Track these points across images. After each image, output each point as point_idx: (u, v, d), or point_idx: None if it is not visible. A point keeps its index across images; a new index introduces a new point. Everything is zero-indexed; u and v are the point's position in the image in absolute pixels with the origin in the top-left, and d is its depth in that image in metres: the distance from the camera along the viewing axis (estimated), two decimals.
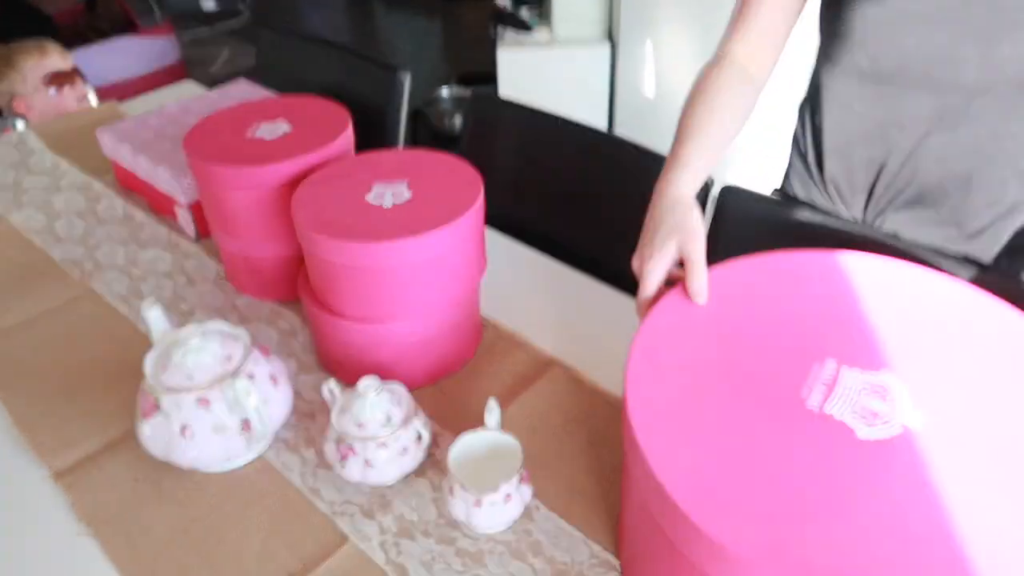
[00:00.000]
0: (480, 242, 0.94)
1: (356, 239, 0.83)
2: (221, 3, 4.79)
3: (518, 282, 1.13)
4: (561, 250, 1.20)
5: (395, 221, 0.85)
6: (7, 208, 1.34)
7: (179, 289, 1.14)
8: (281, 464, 0.86)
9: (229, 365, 0.81)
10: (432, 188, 0.91)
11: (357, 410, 0.80)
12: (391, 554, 0.76)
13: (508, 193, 1.38)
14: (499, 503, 0.73)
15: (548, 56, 2.83)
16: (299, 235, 0.89)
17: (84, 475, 0.85)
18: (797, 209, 1.04)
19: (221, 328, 0.85)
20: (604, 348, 1.00)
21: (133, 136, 1.30)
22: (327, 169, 0.96)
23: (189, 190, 1.19)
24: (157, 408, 0.79)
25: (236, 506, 0.81)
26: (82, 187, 1.39)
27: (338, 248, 0.84)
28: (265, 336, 1.04)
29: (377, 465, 0.79)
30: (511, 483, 0.74)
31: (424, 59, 4.15)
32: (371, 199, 0.89)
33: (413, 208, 0.87)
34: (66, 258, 1.21)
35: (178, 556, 0.76)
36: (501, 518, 0.75)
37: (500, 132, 1.40)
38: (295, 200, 0.90)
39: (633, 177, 1.22)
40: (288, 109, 1.12)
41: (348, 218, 0.86)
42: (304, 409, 0.93)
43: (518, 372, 0.97)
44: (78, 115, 1.65)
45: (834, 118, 1.00)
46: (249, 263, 1.08)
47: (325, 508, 0.81)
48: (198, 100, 1.42)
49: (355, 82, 1.57)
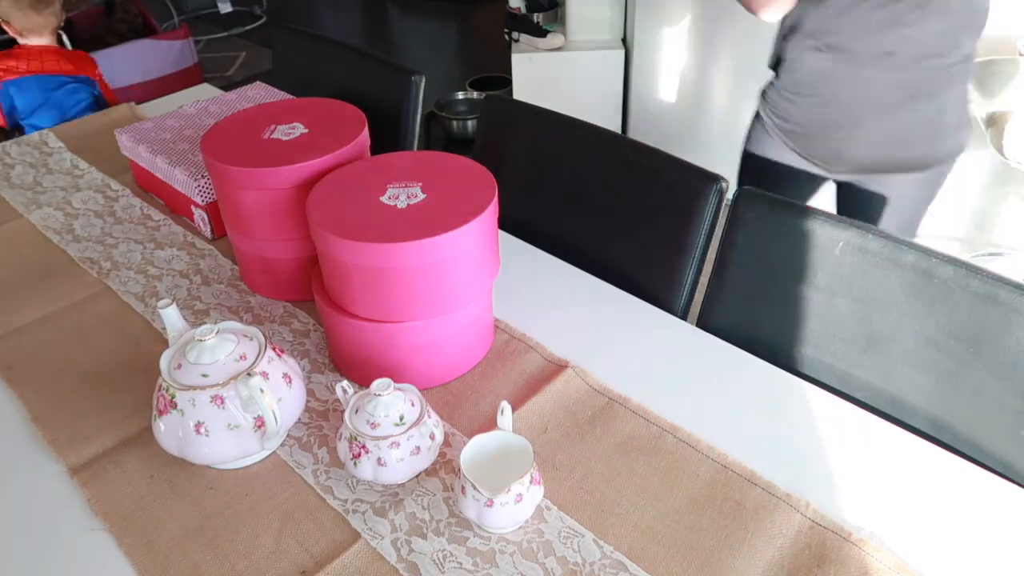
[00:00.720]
0: (494, 244, 0.94)
1: (370, 239, 0.83)
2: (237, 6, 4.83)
3: (531, 285, 1.13)
4: (574, 253, 1.21)
5: (409, 222, 0.86)
6: (27, 206, 1.36)
7: (194, 288, 1.15)
8: (294, 462, 0.87)
9: (243, 364, 0.82)
10: (446, 190, 0.92)
11: (370, 410, 0.80)
12: (403, 552, 0.76)
13: (521, 196, 1.38)
14: (510, 503, 0.74)
15: (562, 60, 2.84)
16: (313, 235, 0.89)
17: (100, 471, 0.86)
18: (813, 215, 1.04)
19: (236, 327, 0.86)
20: (616, 351, 1.00)
21: (151, 137, 1.32)
22: (342, 171, 0.97)
23: (205, 190, 1.20)
24: (172, 406, 0.80)
25: (249, 503, 0.82)
26: (100, 187, 1.41)
27: (352, 248, 0.84)
28: (279, 336, 1.05)
29: (390, 464, 0.79)
30: (522, 484, 0.74)
31: (438, 62, 4.17)
32: (385, 200, 0.90)
33: (427, 209, 0.88)
34: (84, 256, 1.22)
35: (192, 552, 0.77)
36: (512, 518, 0.75)
37: (514, 135, 1.40)
38: (310, 200, 0.91)
39: (646, 180, 1.22)
40: (305, 111, 1.13)
41: (362, 219, 0.87)
42: (317, 408, 0.93)
43: (530, 374, 0.97)
44: (97, 117, 1.67)
45: (793, 77, 1.30)
46: (264, 263, 1.09)
47: (337, 506, 0.81)
48: (215, 102, 1.43)
49: (370, 85, 1.58)
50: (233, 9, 4.86)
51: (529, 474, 0.74)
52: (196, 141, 1.30)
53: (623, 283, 1.13)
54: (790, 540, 0.76)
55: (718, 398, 0.93)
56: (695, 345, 1.01)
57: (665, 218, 1.19)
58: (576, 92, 2.87)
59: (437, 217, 0.86)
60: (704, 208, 1.13)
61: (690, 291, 1.16)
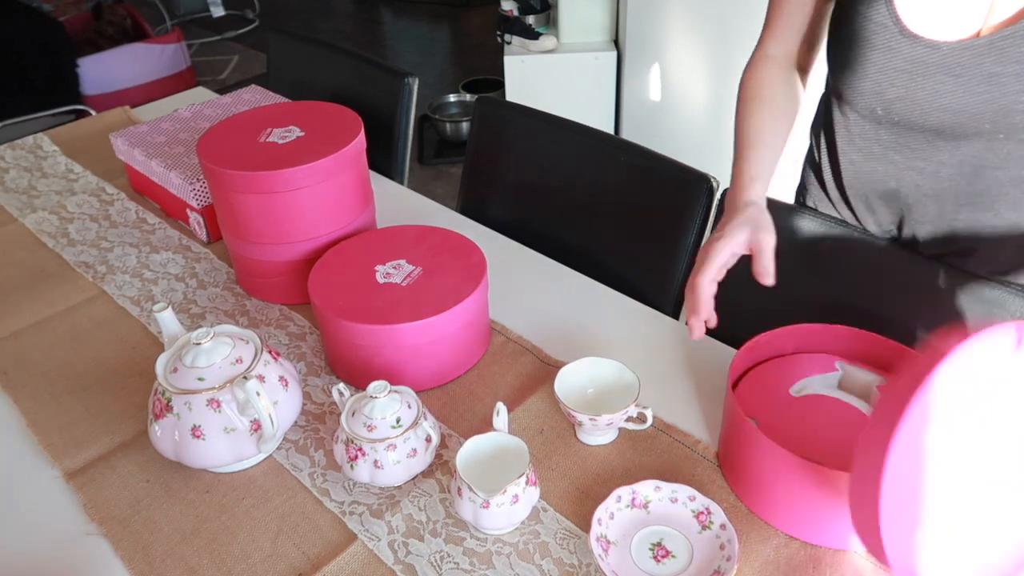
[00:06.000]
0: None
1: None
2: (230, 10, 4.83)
3: (525, 286, 1.14)
4: (567, 253, 1.21)
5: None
6: (21, 211, 1.36)
7: (190, 292, 1.15)
8: (291, 465, 0.87)
9: (240, 367, 0.82)
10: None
11: (367, 412, 0.80)
12: (400, 554, 0.76)
13: (515, 197, 1.39)
14: (506, 504, 0.74)
15: (554, 62, 2.85)
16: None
17: (95, 475, 0.86)
18: (800, 213, 1.05)
19: (232, 331, 0.86)
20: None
21: (146, 141, 1.32)
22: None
23: (201, 194, 1.20)
24: (168, 409, 0.80)
25: (246, 507, 0.82)
26: (95, 191, 1.41)
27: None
28: (275, 339, 1.05)
29: (386, 467, 0.79)
30: (518, 485, 0.74)
31: (431, 65, 4.18)
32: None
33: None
34: (79, 261, 1.22)
35: (188, 556, 0.77)
36: (508, 519, 0.75)
37: (507, 137, 1.41)
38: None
39: (638, 180, 1.23)
40: (300, 114, 1.13)
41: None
42: (313, 411, 0.94)
43: (525, 375, 0.97)
44: (92, 121, 1.67)
45: (850, 158, 0.96)
46: (260, 266, 1.09)
47: (334, 508, 0.81)
48: (210, 105, 1.43)
49: (363, 88, 1.58)
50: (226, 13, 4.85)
51: (525, 475, 0.75)
52: (191, 145, 1.30)
53: (616, 283, 1.14)
54: (784, 541, 0.76)
55: (711, 397, 0.93)
56: (687, 344, 1.02)
57: (657, 218, 1.20)
58: (569, 94, 2.88)
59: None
60: (695, 207, 1.14)
61: (681, 290, 1.16)
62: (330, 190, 1.04)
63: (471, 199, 1.44)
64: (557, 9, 2.88)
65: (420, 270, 0.97)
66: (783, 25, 0.93)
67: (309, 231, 1.05)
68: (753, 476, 0.77)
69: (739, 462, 0.79)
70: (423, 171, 3.16)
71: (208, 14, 4.84)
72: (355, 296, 0.93)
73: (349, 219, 1.09)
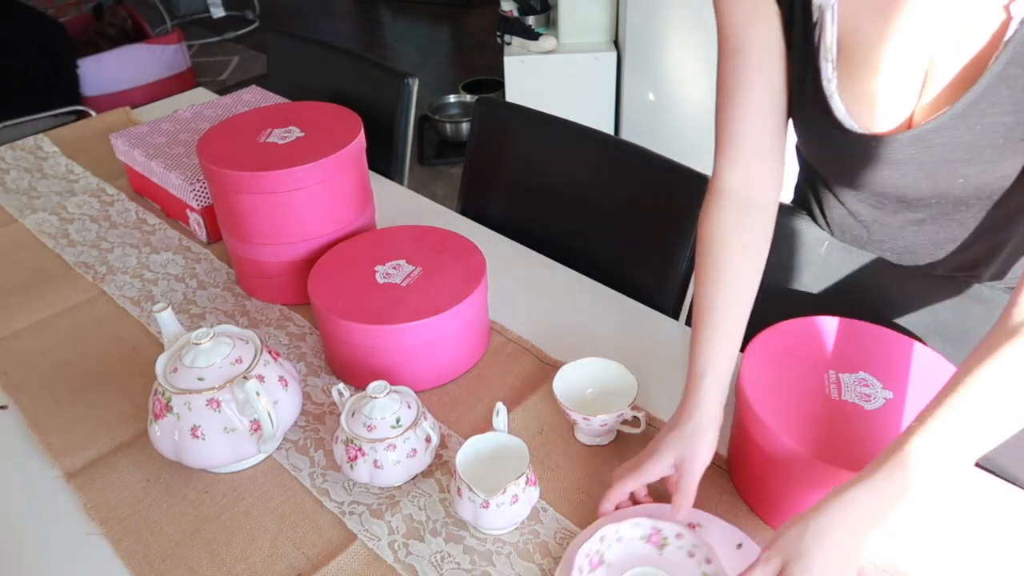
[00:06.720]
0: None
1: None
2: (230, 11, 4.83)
3: (525, 286, 1.14)
4: (567, 254, 1.21)
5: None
6: (21, 211, 1.36)
7: (190, 292, 1.15)
8: (290, 465, 0.87)
9: (239, 367, 0.82)
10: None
11: (367, 412, 0.80)
12: (400, 554, 0.76)
13: (515, 198, 1.39)
14: (506, 504, 0.74)
15: (554, 63, 2.85)
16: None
17: (96, 476, 0.86)
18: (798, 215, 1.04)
19: (231, 331, 0.86)
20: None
21: (146, 141, 1.32)
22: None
23: (201, 195, 1.21)
24: (168, 409, 0.80)
25: (245, 507, 0.82)
26: (95, 191, 1.41)
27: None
28: (275, 339, 1.05)
29: (386, 467, 0.79)
30: (518, 485, 0.74)
31: (431, 66, 4.18)
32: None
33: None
34: (79, 261, 1.22)
35: (188, 556, 0.77)
36: (508, 519, 0.75)
37: (507, 137, 1.41)
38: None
39: (638, 181, 1.23)
40: (300, 115, 1.14)
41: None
42: (313, 411, 0.94)
43: (525, 375, 0.98)
44: (92, 121, 1.67)
45: (833, 212, 0.95)
46: (260, 267, 1.09)
47: (334, 508, 0.81)
48: (210, 106, 1.44)
49: (363, 88, 1.58)
50: (226, 13, 4.85)
51: (525, 475, 0.75)
52: (191, 145, 1.30)
53: (616, 283, 1.14)
54: None
55: None
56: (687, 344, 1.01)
57: (657, 218, 1.20)
58: (569, 94, 2.88)
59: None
60: (695, 208, 1.13)
61: (681, 290, 1.16)
62: (330, 190, 1.05)
63: (471, 199, 1.44)
64: (557, 10, 2.88)
65: (420, 270, 0.97)
66: (733, 146, 0.81)
67: (309, 231, 1.05)
68: (764, 481, 0.77)
69: (747, 465, 0.79)
70: (423, 171, 3.16)
71: (208, 15, 4.84)
72: (355, 296, 0.93)
73: (349, 219, 1.09)
